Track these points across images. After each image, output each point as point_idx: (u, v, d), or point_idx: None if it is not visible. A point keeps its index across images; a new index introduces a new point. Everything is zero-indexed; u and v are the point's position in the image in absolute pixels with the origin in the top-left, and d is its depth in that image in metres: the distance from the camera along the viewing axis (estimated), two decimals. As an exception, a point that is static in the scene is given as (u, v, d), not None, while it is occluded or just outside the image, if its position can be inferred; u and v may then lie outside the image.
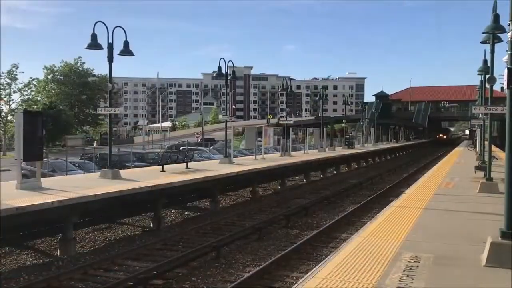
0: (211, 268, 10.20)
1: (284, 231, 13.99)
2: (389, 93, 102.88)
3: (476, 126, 31.28)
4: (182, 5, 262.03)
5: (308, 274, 6.44)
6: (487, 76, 14.33)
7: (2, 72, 68.42)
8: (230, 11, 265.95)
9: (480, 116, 25.64)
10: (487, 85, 14.15)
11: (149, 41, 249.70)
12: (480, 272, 6.37)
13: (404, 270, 6.34)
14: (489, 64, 15.42)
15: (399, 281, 5.89)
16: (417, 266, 6.54)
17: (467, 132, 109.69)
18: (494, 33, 13.04)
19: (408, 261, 6.79)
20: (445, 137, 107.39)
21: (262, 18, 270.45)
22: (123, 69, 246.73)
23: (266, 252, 11.60)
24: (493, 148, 31.41)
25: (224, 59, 23.08)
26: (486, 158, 15.95)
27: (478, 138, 31.97)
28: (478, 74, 22.04)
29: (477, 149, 32.05)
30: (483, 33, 13.16)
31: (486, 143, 19.19)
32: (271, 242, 12.68)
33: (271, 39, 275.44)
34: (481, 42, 14.29)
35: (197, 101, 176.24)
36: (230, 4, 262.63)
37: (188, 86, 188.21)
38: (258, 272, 9.50)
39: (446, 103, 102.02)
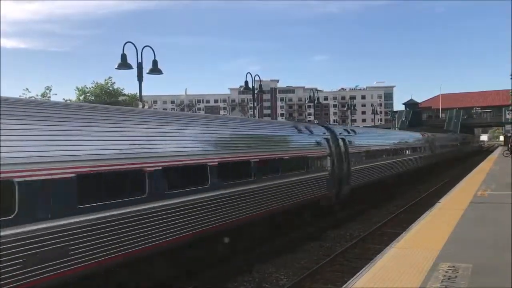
0: (244, 282, 10.18)
1: (316, 243, 13.85)
2: (419, 101, 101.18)
3: None
4: (208, 20, 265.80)
5: (343, 286, 6.36)
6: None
7: (36, 95, 70.50)
8: (256, 24, 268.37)
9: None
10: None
11: (177, 57, 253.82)
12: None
13: (442, 281, 6.18)
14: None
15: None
16: (456, 277, 6.37)
17: (501, 138, 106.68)
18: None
19: (446, 272, 6.62)
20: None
21: (289, 30, 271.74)
22: (151, 86, 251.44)
23: (299, 266, 11.51)
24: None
25: (250, 74, 23.34)
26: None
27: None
28: (511, 78, 21.52)
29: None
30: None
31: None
32: (303, 254, 12.58)
33: (299, 51, 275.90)
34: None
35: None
36: (257, 17, 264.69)
37: (216, 101, 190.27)
38: (292, 286, 9.44)
39: (478, 109, 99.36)
